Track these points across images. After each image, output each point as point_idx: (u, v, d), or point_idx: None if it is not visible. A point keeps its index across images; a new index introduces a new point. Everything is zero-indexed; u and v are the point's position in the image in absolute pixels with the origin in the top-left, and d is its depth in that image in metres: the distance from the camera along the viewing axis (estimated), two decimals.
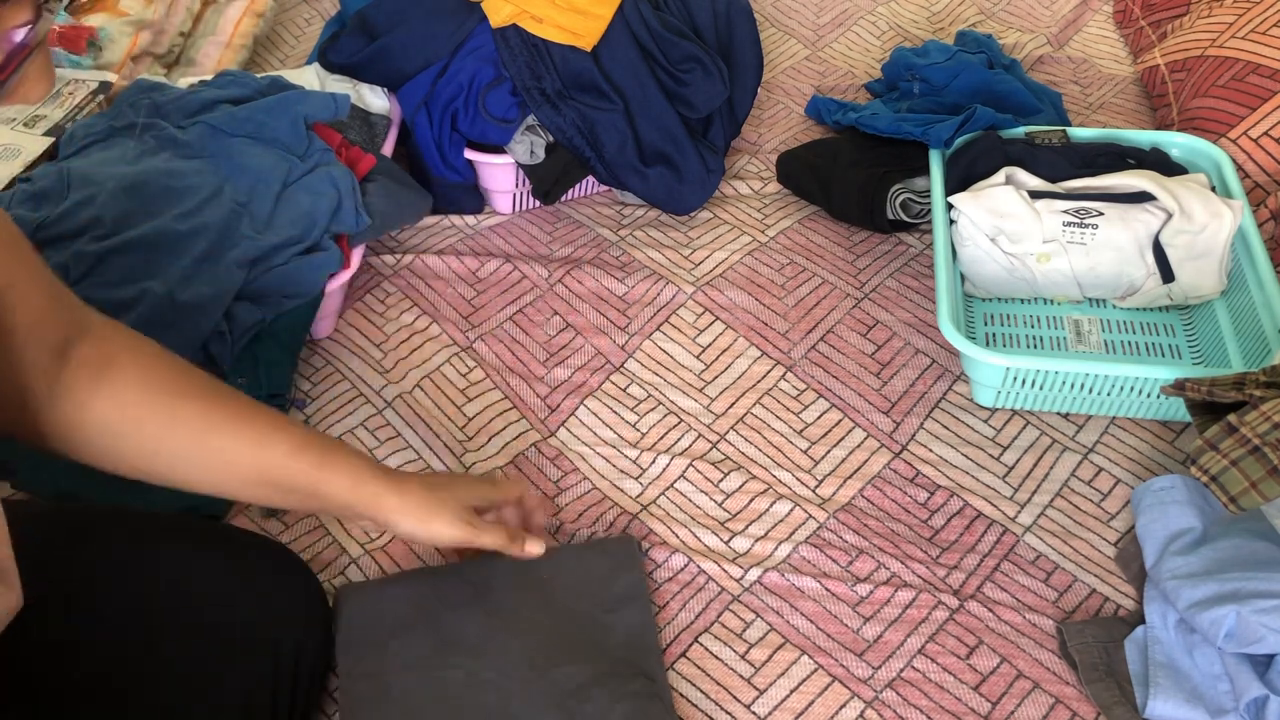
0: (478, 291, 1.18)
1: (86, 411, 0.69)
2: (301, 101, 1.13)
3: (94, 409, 0.69)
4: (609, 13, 1.20)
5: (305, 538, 0.94)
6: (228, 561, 0.78)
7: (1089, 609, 0.88)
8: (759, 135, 1.41)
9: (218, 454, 0.73)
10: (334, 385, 1.09)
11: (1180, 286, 1.07)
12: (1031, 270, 1.08)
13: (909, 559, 0.92)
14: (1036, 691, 0.83)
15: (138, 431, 0.71)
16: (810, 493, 0.98)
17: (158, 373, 0.72)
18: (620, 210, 1.30)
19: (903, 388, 1.07)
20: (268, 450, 0.74)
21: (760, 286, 1.18)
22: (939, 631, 0.87)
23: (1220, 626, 0.78)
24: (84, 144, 1.12)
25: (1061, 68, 1.51)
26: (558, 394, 1.07)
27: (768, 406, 1.06)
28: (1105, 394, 0.99)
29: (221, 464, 0.73)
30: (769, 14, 1.64)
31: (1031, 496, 0.97)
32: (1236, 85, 1.27)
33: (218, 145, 1.10)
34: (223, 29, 1.50)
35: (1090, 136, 1.20)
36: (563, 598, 0.85)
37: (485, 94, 1.20)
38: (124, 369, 0.71)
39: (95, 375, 0.69)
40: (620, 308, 1.16)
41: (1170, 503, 0.89)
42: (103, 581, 0.73)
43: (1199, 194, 1.06)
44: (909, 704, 0.82)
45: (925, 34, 1.59)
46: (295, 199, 1.07)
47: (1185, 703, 0.78)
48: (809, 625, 0.87)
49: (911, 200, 1.21)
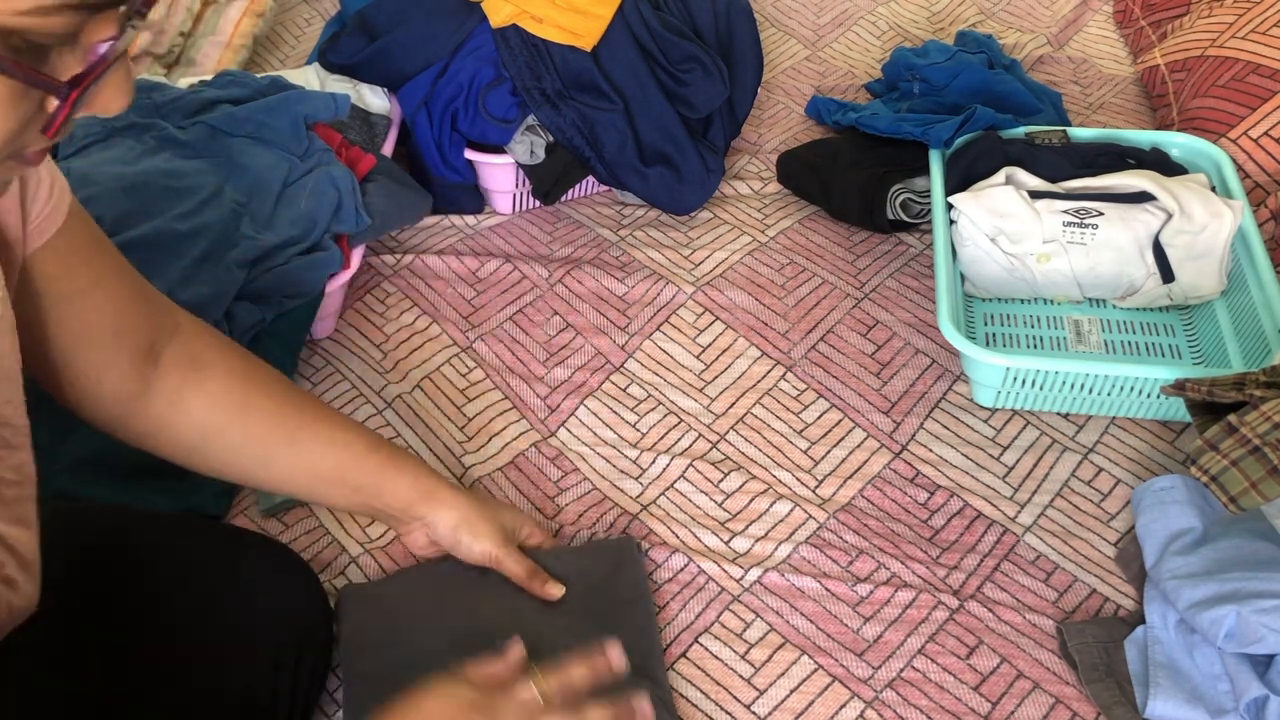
0: (478, 291, 1.18)
1: (177, 412, 0.73)
2: (301, 101, 1.13)
3: (184, 410, 0.73)
4: (609, 13, 1.20)
5: (305, 538, 0.94)
6: (229, 561, 0.79)
7: (1089, 609, 0.88)
8: (759, 135, 1.41)
9: (301, 455, 0.77)
10: (334, 385, 1.09)
11: (1180, 286, 1.07)
12: (1031, 270, 1.08)
13: (909, 559, 0.92)
14: (1036, 691, 0.83)
15: (224, 432, 0.75)
16: (810, 493, 0.98)
17: (243, 375, 0.76)
18: (620, 210, 1.30)
19: (903, 388, 1.07)
20: (345, 451, 0.79)
21: (760, 286, 1.18)
22: (939, 631, 0.87)
23: (1220, 626, 0.78)
24: (84, 144, 1.12)
25: (1061, 68, 1.51)
26: (558, 394, 1.07)
27: (768, 406, 1.06)
28: (1105, 394, 0.99)
29: (303, 465, 0.78)
30: (769, 14, 1.64)
31: (1031, 496, 0.97)
32: (1236, 85, 1.27)
33: (218, 145, 1.10)
34: (223, 29, 1.50)
35: (1090, 136, 1.20)
36: (565, 599, 0.85)
37: (485, 94, 1.20)
38: (212, 371, 0.74)
39: (184, 376, 0.73)
40: (620, 308, 1.16)
41: (1170, 503, 0.89)
42: (104, 580, 0.73)
43: (1199, 194, 1.06)
44: (909, 704, 0.82)
45: (925, 34, 1.59)
46: (296, 199, 1.07)
47: (1185, 703, 0.78)
48: (809, 625, 0.87)
49: (911, 200, 1.21)
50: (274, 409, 0.77)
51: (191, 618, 0.74)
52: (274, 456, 0.77)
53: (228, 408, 0.74)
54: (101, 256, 0.68)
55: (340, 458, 0.79)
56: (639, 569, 0.89)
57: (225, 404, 0.74)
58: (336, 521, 0.96)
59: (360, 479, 0.80)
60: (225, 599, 0.76)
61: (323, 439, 0.78)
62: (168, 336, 0.73)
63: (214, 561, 0.78)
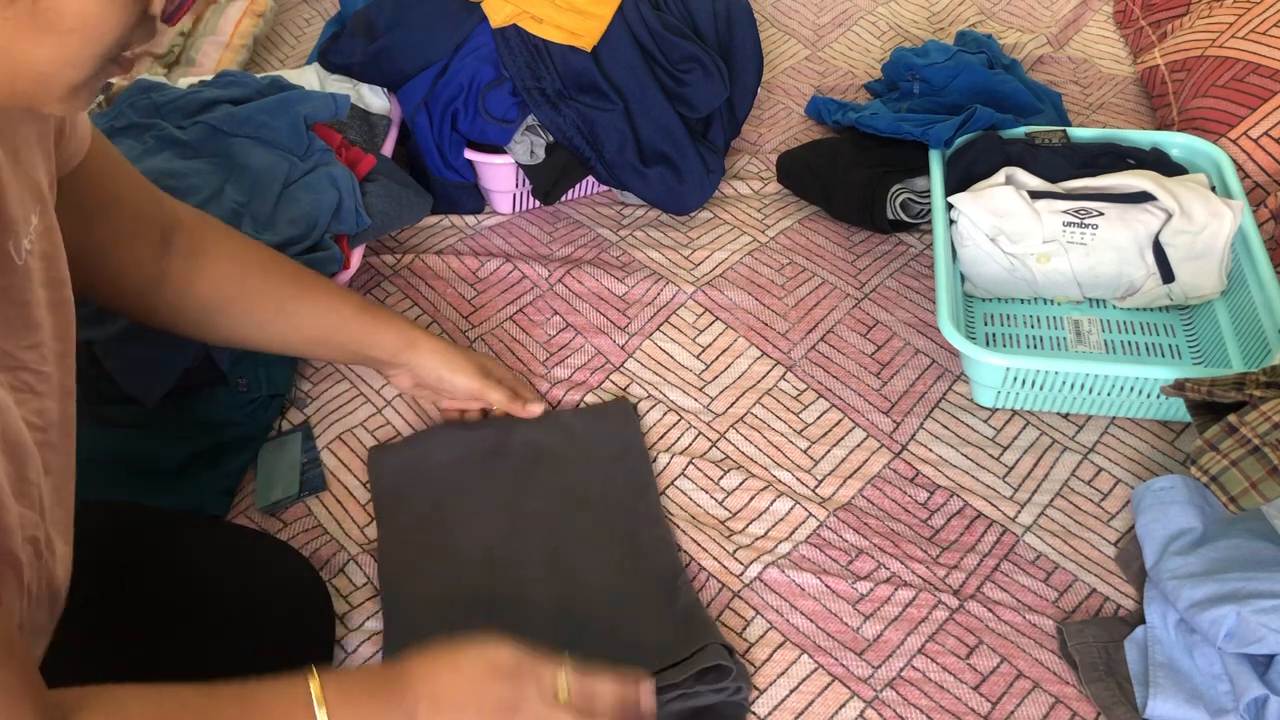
0: (478, 291, 1.18)
1: (186, 293, 0.82)
2: (302, 101, 1.13)
3: (193, 290, 0.83)
4: (609, 13, 1.20)
5: (303, 536, 0.94)
6: (235, 557, 0.79)
7: (1089, 609, 0.88)
8: (759, 135, 1.41)
9: (294, 321, 0.89)
10: (334, 385, 1.08)
11: (1180, 286, 1.07)
12: (1031, 270, 1.08)
13: (909, 558, 0.92)
14: (1036, 691, 0.83)
15: (229, 306, 0.85)
16: (810, 492, 0.98)
17: (242, 256, 0.86)
18: (620, 210, 1.30)
19: (903, 388, 1.07)
20: (333, 315, 0.91)
21: (760, 286, 1.18)
22: (939, 631, 0.87)
23: (1220, 626, 0.78)
24: None
25: (1061, 68, 1.51)
26: (557, 393, 1.07)
27: (768, 406, 1.06)
28: (1105, 394, 0.99)
29: (295, 327, 0.89)
30: (769, 14, 1.64)
31: (1031, 496, 0.97)
32: (1236, 85, 1.27)
33: (218, 145, 1.10)
34: (223, 29, 1.50)
35: (1090, 136, 1.20)
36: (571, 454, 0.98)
37: (485, 94, 1.20)
38: (215, 255, 0.84)
39: (189, 262, 0.82)
40: (620, 308, 1.16)
41: (1170, 503, 0.89)
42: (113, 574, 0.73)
43: (1199, 194, 1.06)
44: (909, 703, 0.82)
45: (925, 34, 1.59)
46: (296, 199, 1.07)
47: (1185, 703, 0.78)
48: (809, 624, 0.87)
49: (911, 200, 1.21)
50: (267, 285, 0.87)
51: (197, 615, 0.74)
52: (270, 323, 0.88)
53: (226, 287, 0.84)
54: (118, 167, 0.75)
55: (328, 321, 0.90)
56: (635, 426, 1.02)
57: (224, 283, 0.84)
58: (335, 521, 0.96)
59: (347, 337, 0.92)
60: (229, 595, 0.76)
61: (312, 306, 0.89)
62: (173, 229, 0.81)
63: (220, 557, 0.78)
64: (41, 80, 0.49)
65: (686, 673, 0.77)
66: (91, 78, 0.50)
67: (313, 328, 0.90)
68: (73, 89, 0.50)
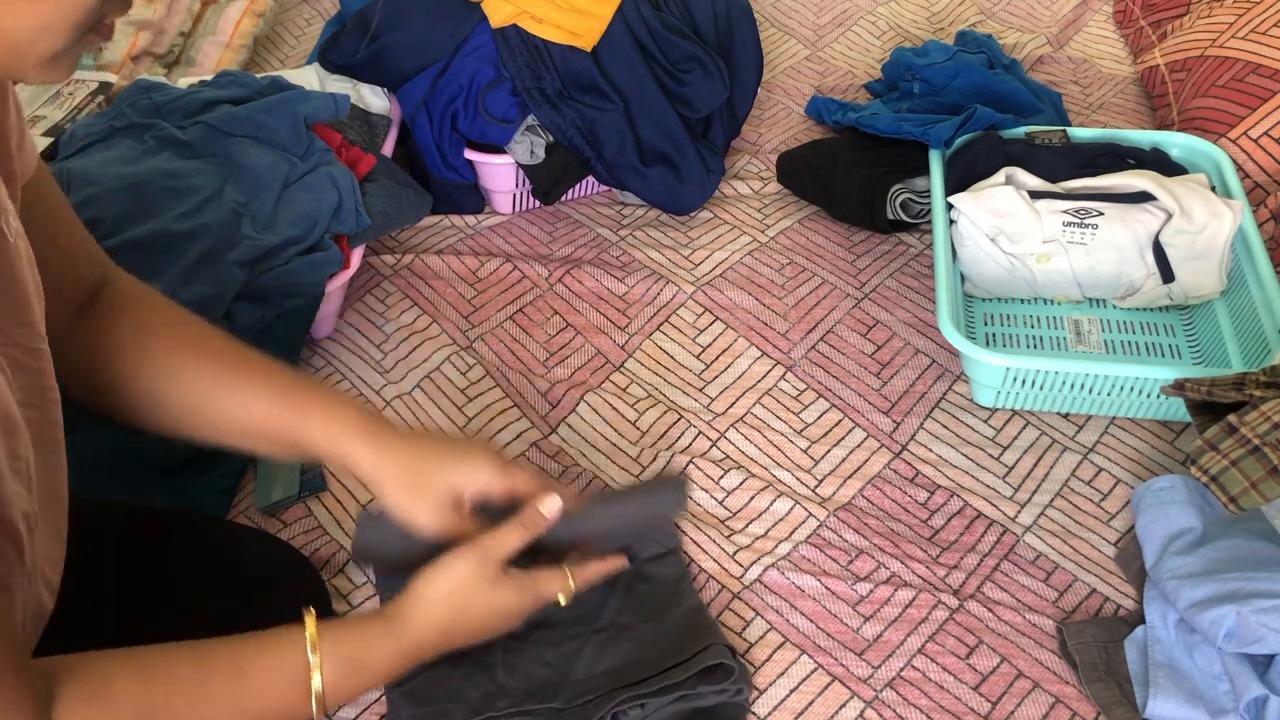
0: (478, 291, 1.18)
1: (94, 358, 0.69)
2: (302, 101, 1.13)
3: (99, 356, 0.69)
4: (609, 13, 1.20)
5: (302, 536, 0.94)
6: (231, 558, 0.79)
7: (1089, 609, 0.88)
8: (759, 135, 1.41)
9: (209, 409, 0.71)
10: (334, 385, 1.08)
11: (1180, 286, 1.07)
12: (1031, 270, 1.08)
13: (909, 558, 0.92)
14: (1036, 691, 0.83)
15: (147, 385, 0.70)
16: (810, 492, 0.98)
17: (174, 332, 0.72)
18: (620, 210, 1.30)
19: (903, 388, 1.07)
20: (250, 403, 0.71)
21: (760, 286, 1.18)
22: (939, 631, 0.87)
23: (1220, 626, 0.78)
24: (84, 144, 1.12)
25: (1061, 68, 1.51)
26: (557, 393, 1.07)
27: (767, 406, 1.06)
28: (1105, 394, 0.99)
29: (211, 421, 0.71)
30: (769, 14, 1.64)
31: (1031, 496, 0.97)
32: (1236, 85, 1.27)
33: (218, 145, 1.10)
34: (223, 29, 1.50)
35: (1090, 136, 1.20)
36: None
37: (485, 94, 1.20)
38: (139, 326, 0.71)
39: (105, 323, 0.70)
40: (620, 307, 1.16)
41: (1170, 503, 0.88)
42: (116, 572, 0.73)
43: (1199, 194, 1.06)
44: (909, 703, 0.82)
45: (925, 34, 1.59)
46: (296, 199, 1.07)
47: (1185, 703, 0.78)
48: (809, 624, 0.87)
49: (911, 200, 1.21)
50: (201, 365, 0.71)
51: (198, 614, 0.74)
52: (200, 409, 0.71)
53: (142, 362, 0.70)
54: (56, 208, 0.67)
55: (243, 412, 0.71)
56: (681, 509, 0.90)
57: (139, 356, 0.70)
58: (335, 521, 0.96)
59: (272, 431, 0.71)
60: (232, 594, 0.76)
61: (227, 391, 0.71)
62: (101, 289, 0.71)
63: (220, 557, 0.78)
64: (19, 48, 0.49)
65: (689, 672, 0.77)
66: (70, 46, 0.50)
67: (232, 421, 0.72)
68: (51, 57, 0.50)
